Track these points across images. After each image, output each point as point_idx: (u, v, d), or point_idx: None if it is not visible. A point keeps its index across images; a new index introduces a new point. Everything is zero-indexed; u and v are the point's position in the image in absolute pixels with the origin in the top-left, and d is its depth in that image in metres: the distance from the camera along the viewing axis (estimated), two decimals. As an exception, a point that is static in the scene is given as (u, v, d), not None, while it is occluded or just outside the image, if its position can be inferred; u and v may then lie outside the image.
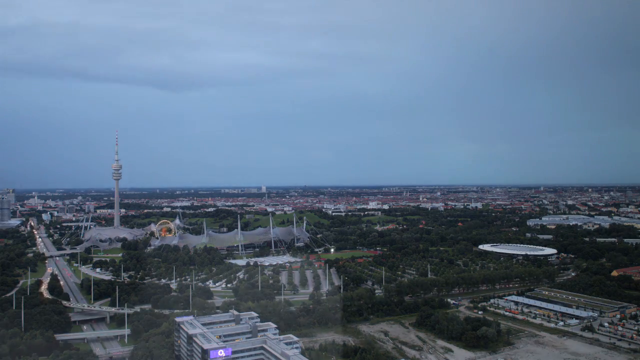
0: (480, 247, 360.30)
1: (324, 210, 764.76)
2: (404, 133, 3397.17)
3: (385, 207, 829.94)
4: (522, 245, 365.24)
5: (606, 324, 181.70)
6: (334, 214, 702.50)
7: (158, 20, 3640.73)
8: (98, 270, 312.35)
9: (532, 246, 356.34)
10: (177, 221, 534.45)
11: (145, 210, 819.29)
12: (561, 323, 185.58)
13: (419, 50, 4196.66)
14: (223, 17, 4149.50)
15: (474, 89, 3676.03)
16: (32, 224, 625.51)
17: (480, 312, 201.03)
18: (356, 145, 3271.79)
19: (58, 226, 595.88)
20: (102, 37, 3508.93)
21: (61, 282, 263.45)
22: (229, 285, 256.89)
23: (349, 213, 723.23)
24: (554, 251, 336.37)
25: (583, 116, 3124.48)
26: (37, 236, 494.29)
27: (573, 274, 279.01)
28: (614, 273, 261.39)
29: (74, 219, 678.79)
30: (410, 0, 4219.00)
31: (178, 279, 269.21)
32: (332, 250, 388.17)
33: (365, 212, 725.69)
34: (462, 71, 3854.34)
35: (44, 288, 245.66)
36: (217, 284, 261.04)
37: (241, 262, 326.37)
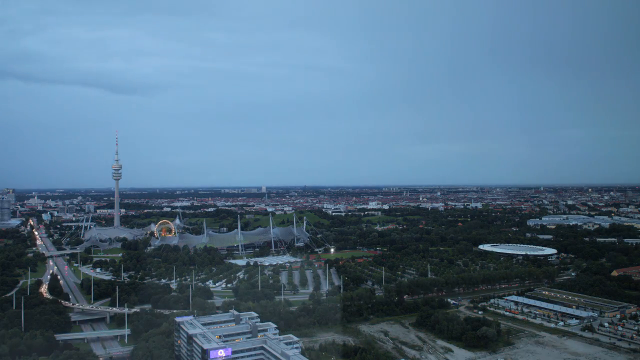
0: (480, 247, 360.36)
1: (324, 210, 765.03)
2: (403, 133, 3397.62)
3: (385, 207, 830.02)
4: (522, 245, 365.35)
5: (606, 324, 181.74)
6: (334, 214, 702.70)
7: (110, 29, 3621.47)
8: (98, 270, 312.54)
9: (532, 246, 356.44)
10: (177, 221, 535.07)
11: (145, 210, 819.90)
12: (561, 323, 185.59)
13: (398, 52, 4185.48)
14: (183, 32, 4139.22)
15: (471, 88, 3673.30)
16: (32, 224, 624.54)
17: (480, 312, 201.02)
18: (349, 145, 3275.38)
19: (58, 226, 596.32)
20: (47, 43, 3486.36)
21: (61, 282, 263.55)
22: (229, 285, 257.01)
23: (349, 213, 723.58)
24: (554, 251, 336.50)
25: (583, 116, 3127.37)
26: (37, 236, 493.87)
27: (573, 274, 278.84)
28: (614, 273, 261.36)
29: (74, 219, 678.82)
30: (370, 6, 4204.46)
31: (178, 279, 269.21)
32: (332, 250, 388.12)
33: (365, 212, 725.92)
34: (458, 70, 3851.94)
35: (44, 288, 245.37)
36: (217, 284, 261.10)
37: (241, 262, 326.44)
